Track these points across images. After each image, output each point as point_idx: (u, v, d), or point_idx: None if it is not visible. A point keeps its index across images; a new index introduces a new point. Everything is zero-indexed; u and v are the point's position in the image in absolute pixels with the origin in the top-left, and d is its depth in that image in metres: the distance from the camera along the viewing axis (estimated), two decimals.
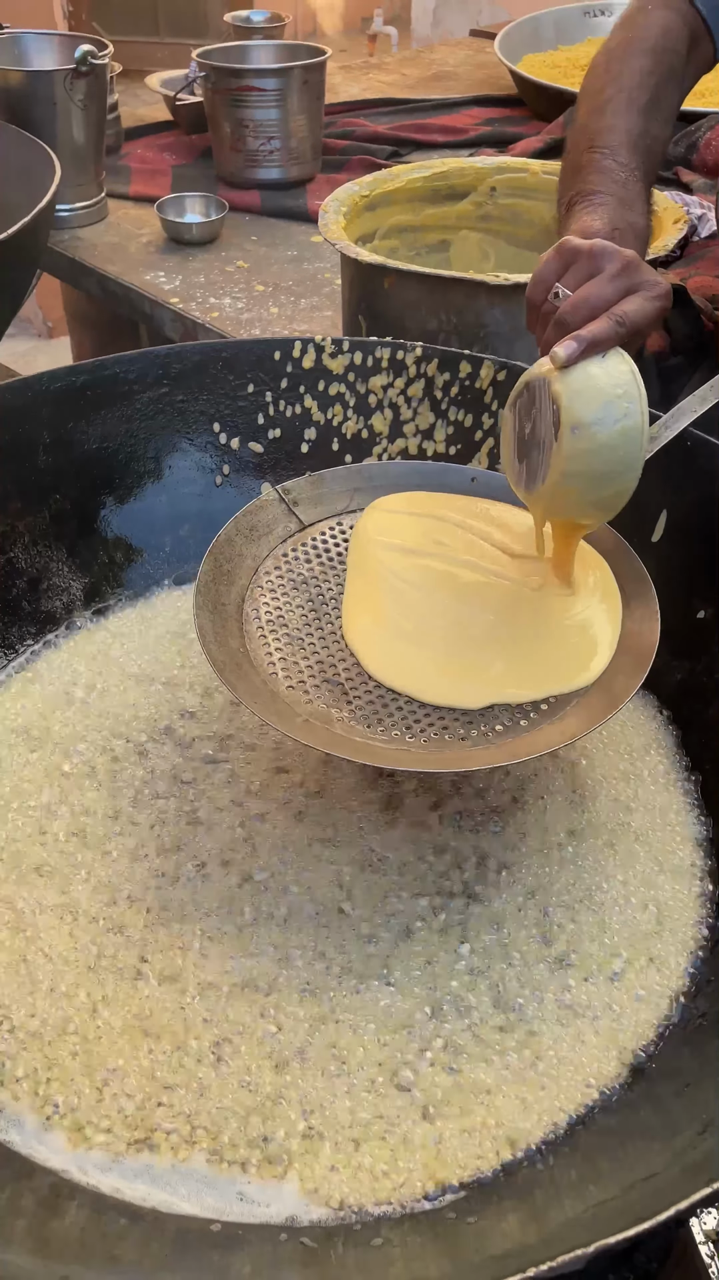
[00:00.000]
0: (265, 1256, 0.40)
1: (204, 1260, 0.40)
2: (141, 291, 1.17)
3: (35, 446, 0.71)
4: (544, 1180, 0.44)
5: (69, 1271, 0.37)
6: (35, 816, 0.60)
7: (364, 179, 0.99)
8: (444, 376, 0.75)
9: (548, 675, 0.56)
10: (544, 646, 0.57)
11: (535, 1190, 0.43)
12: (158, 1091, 0.47)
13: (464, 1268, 0.38)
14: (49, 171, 0.98)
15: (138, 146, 1.51)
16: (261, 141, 1.33)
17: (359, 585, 0.61)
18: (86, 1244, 0.41)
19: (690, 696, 0.65)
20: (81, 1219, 0.43)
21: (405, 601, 0.59)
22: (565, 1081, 0.48)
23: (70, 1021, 0.50)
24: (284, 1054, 0.49)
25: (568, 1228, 0.38)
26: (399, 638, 0.58)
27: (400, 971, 0.52)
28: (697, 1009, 0.50)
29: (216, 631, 0.58)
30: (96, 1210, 0.43)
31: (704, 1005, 0.50)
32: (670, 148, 1.38)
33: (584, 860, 0.58)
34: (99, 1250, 0.40)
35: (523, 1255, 0.33)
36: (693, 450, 0.65)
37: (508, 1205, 0.42)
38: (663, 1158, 0.40)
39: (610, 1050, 0.49)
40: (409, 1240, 0.40)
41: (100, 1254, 0.40)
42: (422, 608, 0.59)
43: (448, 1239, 0.40)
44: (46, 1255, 0.39)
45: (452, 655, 0.57)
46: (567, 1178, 0.43)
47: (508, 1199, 0.43)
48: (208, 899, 0.56)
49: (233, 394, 0.77)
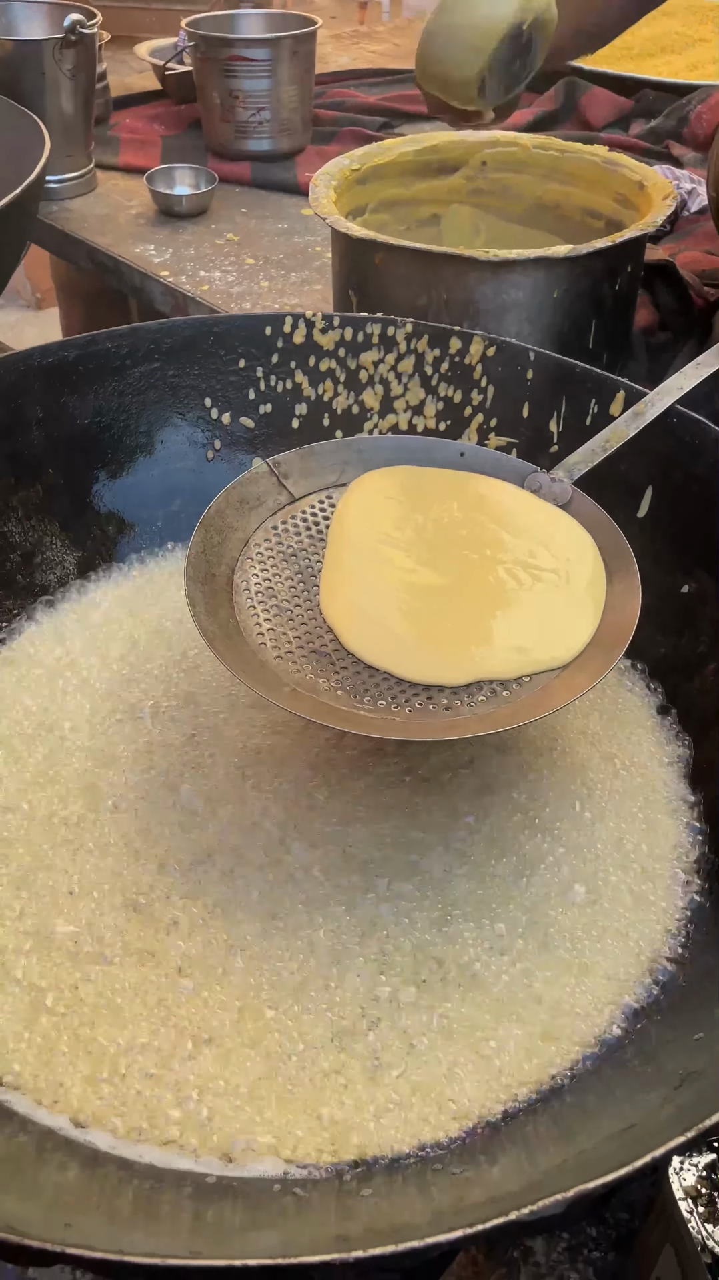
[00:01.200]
0: (259, 1206, 0.41)
1: (199, 1210, 0.41)
2: (132, 264, 1.17)
3: (28, 421, 0.71)
4: (529, 1135, 0.45)
5: (71, 1220, 0.39)
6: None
7: (354, 152, 0.99)
8: (434, 353, 0.76)
9: (529, 652, 0.57)
10: (525, 623, 0.58)
11: (519, 1144, 0.45)
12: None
13: (446, 1214, 0.39)
14: (39, 143, 0.97)
15: (126, 116, 1.50)
16: (251, 112, 1.32)
17: (339, 561, 0.62)
18: (84, 1195, 0.42)
19: (675, 670, 0.67)
20: (78, 1173, 0.44)
21: (385, 578, 0.60)
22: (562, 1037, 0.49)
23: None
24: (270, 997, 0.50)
25: (549, 1175, 0.39)
26: (378, 615, 0.58)
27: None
28: (681, 961, 0.52)
29: (207, 602, 0.59)
30: (93, 1164, 0.45)
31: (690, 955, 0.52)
32: (661, 121, 1.38)
33: (566, 817, 0.59)
34: (98, 1202, 0.42)
35: (503, 1202, 0.35)
36: (678, 427, 0.66)
37: (493, 1156, 0.43)
38: (641, 1110, 0.41)
39: (603, 1007, 0.50)
40: (396, 1191, 0.42)
41: (99, 1205, 0.42)
42: (402, 585, 0.60)
43: (436, 1188, 0.41)
44: (48, 1206, 0.40)
45: (432, 633, 0.58)
46: (550, 1132, 0.45)
47: (488, 1153, 0.44)
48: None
49: (224, 369, 0.77)
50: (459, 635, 0.58)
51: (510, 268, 0.82)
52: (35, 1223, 0.36)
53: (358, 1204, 0.41)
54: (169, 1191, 0.43)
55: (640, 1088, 0.44)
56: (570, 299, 0.85)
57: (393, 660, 0.57)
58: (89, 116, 1.28)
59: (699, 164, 1.30)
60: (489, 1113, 0.46)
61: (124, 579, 0.75)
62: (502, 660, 0.57)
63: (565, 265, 0.82)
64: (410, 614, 0.59)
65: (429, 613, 0.59)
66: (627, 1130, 0.40)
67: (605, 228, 0.97)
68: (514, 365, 0.74)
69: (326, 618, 0.60)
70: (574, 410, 0.72)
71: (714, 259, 1.05)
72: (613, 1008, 0.51)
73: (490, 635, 0.58)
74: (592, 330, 0.88)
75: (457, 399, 0.76)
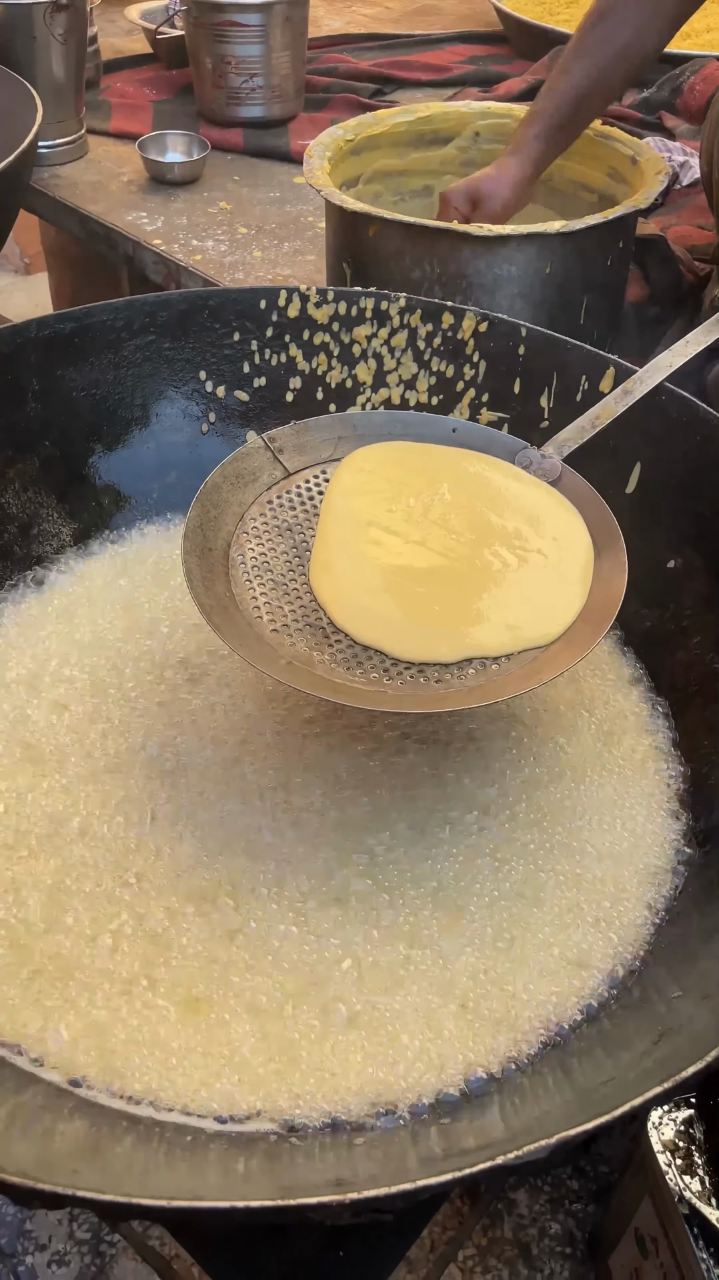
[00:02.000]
0: (258, 1155, 0.43)
1: (200, 1159, 0.43)
2: (124, 233, 1.16)
3: (24, 394, 0.72)
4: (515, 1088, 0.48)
5: (77, 1166, 0.41)
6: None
7: (348, 122, 0.99)
8: (427, 327, 0.76)
9: (518, 630, 0.58)
10: (515, 601, 0.59)
11: (505, 1096, 0.47)
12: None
13: (437, 1159, 0.41)
14: (30, 109, 0.97)
15: (117, 80, 1.49)
16: (244, 78, 1.32)
17: (329, 541, 0.63)
18: (88, 1146, 0.44)
19: (658, 645, 0.68)
20: (83, 1125, 0.46)
21: (375, 559, 0.61)
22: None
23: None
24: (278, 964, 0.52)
25: (533, 1123, 0.41)
26: (368, 596, 0.59)
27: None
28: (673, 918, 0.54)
29: (204, 576, 0.60)
30: (97, 1117, 0.47)
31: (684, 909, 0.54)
32: (654, 92, 1.38)
33: (554, 787, 0.61)
34: (104, 1149, 0.43)
35: (491, 1148, 0.37)
36: (667, 404, 0.67)
37: (480, 1108, 0.45)
38: (621, 1064, 0.43)
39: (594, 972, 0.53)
40: (389, 1139, 0.44)
41: (104, 1153, 0.43)
42: (391, 565, 0.61)
43: (426, 1137, 0.43)
44: (55, 1154, 0.42)
45: (421, 613, 0.59)
46: (534, 1084, 0.47)
47: (476, 1104, 0.47)
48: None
49: (219, 342, 0.78)
50: (449, 615, 0.59)
51: (504, 243, 0.83)
52: (45, 1169, 0.38)
53: (353, 1152, 0.43)
54: (170, 1142, 0.45)
55: (621, 1043, 0.46)
56: (563, 274, 0.85)
57: (384, 640, 0.58)
58: (80, 81, 1.27)
59: (692, 136, 1.30)
60: (476, 1067, 0.48)
61: (120, 550, 0.76)
62: (491, 638, 0.58)
63: (558, 241, 0.83)
64: (400, 594, 0.60)
65: (419, 592, 0.60)
66: (607, 1082, 0.42)
67: (598, 202, 0.98)
68: (506, 341, 0.75)
69: (317, 597, 0.61)
70: (565, 386, 0.73)
71: (705, 234, 1.06)
72: (596, 970, 0.53)
73: (480, 614, 0.59)
74: (583, 305, 0.89)
75: (449, 374, 0.77)
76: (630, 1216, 0.80)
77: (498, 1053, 0.49)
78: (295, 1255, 0.47)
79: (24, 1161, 0.38)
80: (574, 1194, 0.97)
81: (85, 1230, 0.94)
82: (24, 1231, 0.94)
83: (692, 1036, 0.41)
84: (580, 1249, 0.93)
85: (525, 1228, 0.94)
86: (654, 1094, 0.36)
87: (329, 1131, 0.45)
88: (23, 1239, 0.93)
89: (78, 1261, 0.92)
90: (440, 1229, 0.90)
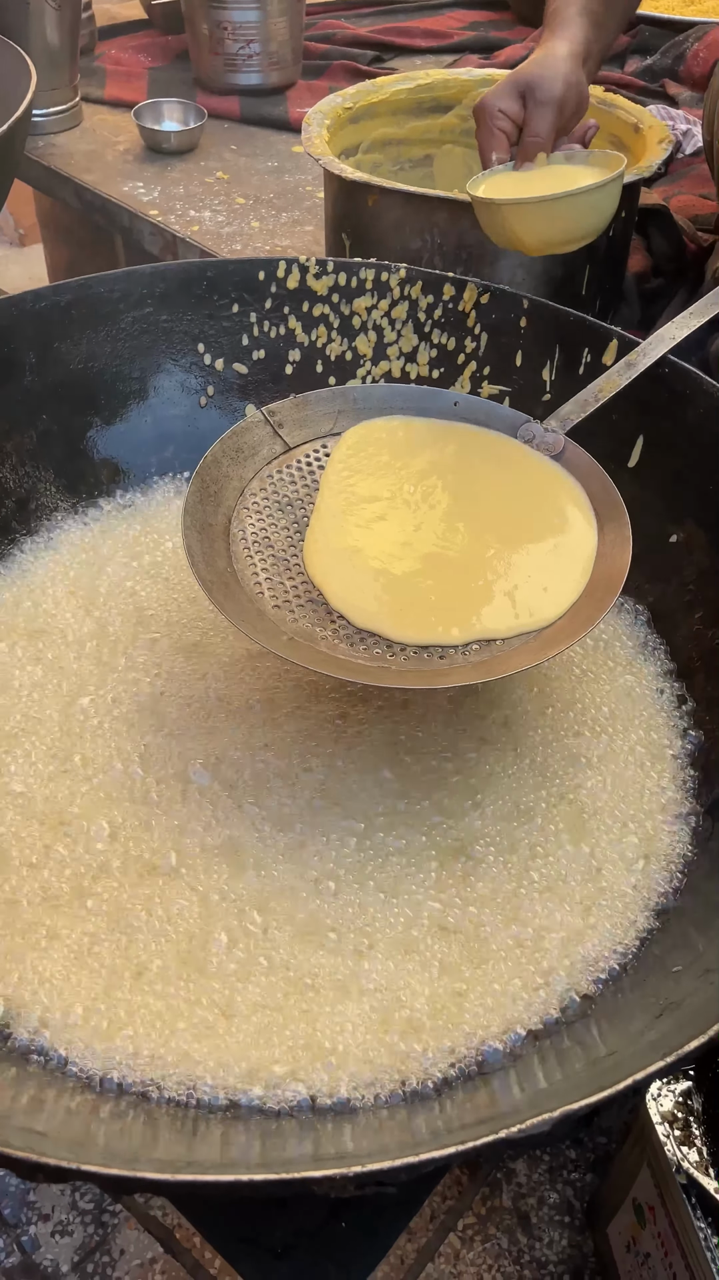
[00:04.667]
0: (261, 1129, 0.44)
1: (204, 1132, 0.43)
2: (120, 203, 1.15)
3: (21, 367, 0.71)
4: (518, 1063, 0.48)
5: (80, 1139, 0.41)
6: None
7: (347, 90, 0.98)
8: (428, 299, 0.76)
9: (520, 613, 0.58)
10: (517, 583, 0.59)
11: (508, 1071, 0.47)
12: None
13: (440, 1133, 0.41)
14: (24, 77, 0.95)
15: (112, 47, 1.47)
16: (240, 45, 1.30)
17: (325, 522, 0.62)
18: (94, 1116, 0.44)
19: (663, 618, 0.68)
20: (86, 1099, 0.46)
21: (372, 542, 0.60)
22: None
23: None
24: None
25: (536, 1098, 0.42)
26: (364, 583, 0.59)
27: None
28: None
29: (204, 552, 0.60)
30: (96, 1092, 0.47)
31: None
32: (658, 59, 1.36)
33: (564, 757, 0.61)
34: (107, 1123, 0.44)
35: (494, 1122, 0.37)
36: (669, 377, 0.66)
37: (484, 1082, 0.45)
38: (623, 1038, 0.43)
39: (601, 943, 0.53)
40: (395, 1114, 0.44)
41: (106, 1126, 0.44)
42: (390, 549, 0.60)
43: (430, 1111, 0.44)
44: (58, 1128, 0.42)
45: (419, 598, 0.58)
46: (539, 1059, 0.47)
47: (479, 1080, 0.47)
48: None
49: (217, 314, 0.77)
50: (448, 599, 0.58)
51: None
52: (49, 1143, 0.38)
53: (356, 1126, 0.43)
54: (174, 1116, 0.45)
55: (623, 1019, 0.47)
56: None
57: (382, 626, 0.58)
58: (74, 48, 1.25)
59: (695, 104, 1.28)
60: (483, 1042, 0.48)
61: (118, 525, 0.76)
62: (492, 623, 0.58)
63: None
64: (397, 580, 0.59)
65: (416, 577, 0.59)
66: (609, 1056, 0.42)
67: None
68: (508, 312, 0.74)
69: (314, 582, 0.60)
70: (567, 359, 0.72)
71: (708, 203, 1.05)
72: (608, 942, 0.53)
73: (481, 598, 0.58)
74: (585, 276, 0.88)
75: (450, 346, 0.76)
76: (629, 1186, 0.81)
77: (500, 1028, 0.49)
78: (297, 1226, 0.48)
79: (26, 1133, 0.38)
80: (572, 1163, 0.98)
81: (88, 1201, 0.95)
82: (27, 1202, 0.95)
83: (693, 1011, 0.42)
84: (579, 1218, 0.94)
85: (524, 1197, 0.95)
86: (655, 1069, 0.36)
87: (332, 1107, 0.45)
88: (26, 1209, 0.94)
89: (80, 1232, 0.93)
90: (440, 1198, 0.91)
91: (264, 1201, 0.48)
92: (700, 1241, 0.70)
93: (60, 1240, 0.93)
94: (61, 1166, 0.33)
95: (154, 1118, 0.45)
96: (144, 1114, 0.45)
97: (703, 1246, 0.70)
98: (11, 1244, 0.92)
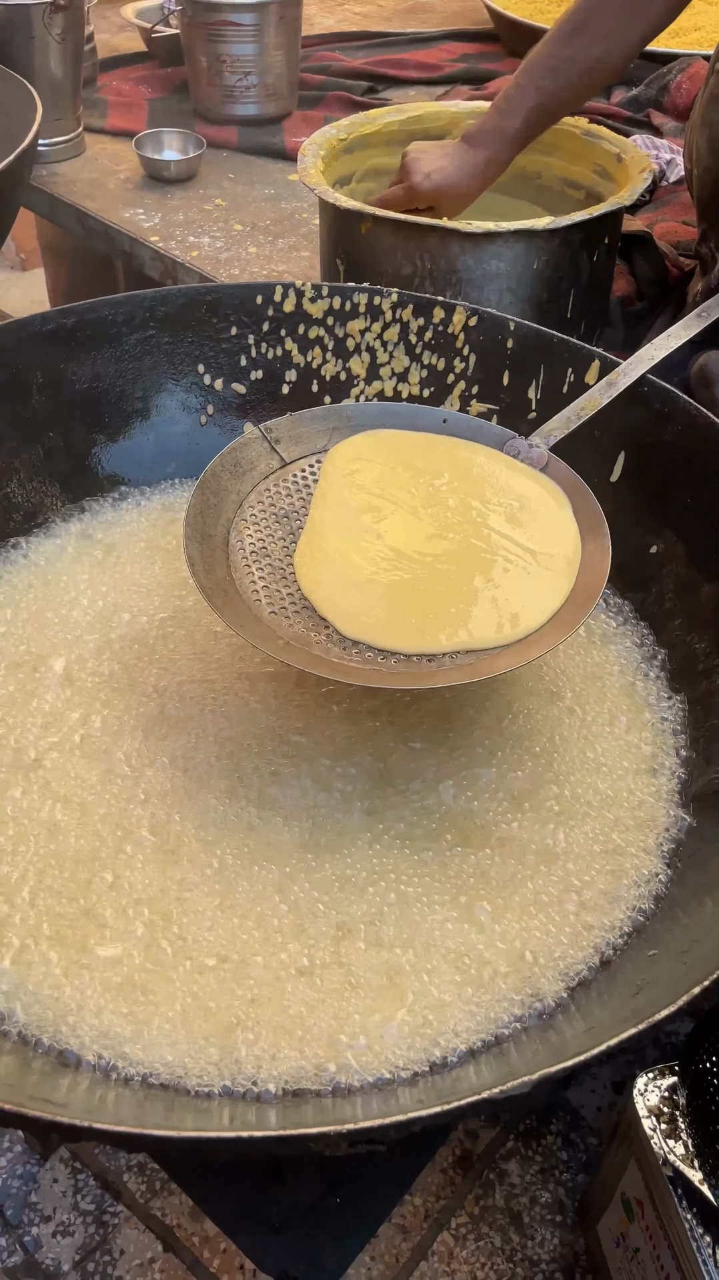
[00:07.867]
0: (260, 1100, 0.46)
1: (205, 1105, 0.46)
2: (121, 229, 1.18)
3: (29, 386, 0.74)
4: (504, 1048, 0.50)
5: (75, 1118, 0.43)
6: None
7: (341, 122, 1.02)
8: (418, 321, 0.79)
9: (506, 623, 0.60)
10: (504, 593, 0.61)
11: (490, 1054, 0.49)
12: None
13: (428, 1100, 0.44)
14: (30, 109, 0.99)
15: (113, 78, 1.51)
16: (238, 77, 1.34)
17: (315, 534, 0.64)
18: (88, 1092, 0.46)
19: (642, 627, 0.71)
20: (86, 1078, 0.48)
21: (361, 553, 0.63)
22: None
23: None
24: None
25: (518, 1065, 0.44)
26: (354, 595, 0.61)
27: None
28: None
29: (205, 561, 0.63)
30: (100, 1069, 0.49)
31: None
32: (642, 89, 1.40)
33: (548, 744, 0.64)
34: (100, 1098, 0.46)
35: (476, 1088, 0.39)
36: (649, 395, 0.69)
37: (467, 1065, 0.48)
38: (604, 1013, 0.46)
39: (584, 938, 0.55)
40: (386, 1089, 0.46)
41: (97, 1101, 0.46)
42: (379, 560, 0.63)
43: (418, 1086, 0.46)
44: (57, 1104, 0.45)
45: (409, 610, 0.61)
46: (523, 1038, 0.49)
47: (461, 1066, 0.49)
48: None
49: (216, 336, 0.80)
50: (435, 609, 0.61)
51: (492, 239, 0.85)
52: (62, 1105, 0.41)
53: (350, 1101, 0.46)
54: (174, 1091, 0.47)
55: (602, 1001, 0.49)
56: (550, 269, 0.88)
57: (370, 637, 0.60)
58: (78, 80, 1.29)
59: (679, 133, 1.32)
60: (474, 1037, 0.51)
61: (119, 539, 0.78)
62: (479, 632, 0.60)
63: (545, 237, 0.85)
64: (385, 592, 0.61)
65: (405, 589, 0.61)
66: (588, 1030, 0.45)
67: (585, 199, 1.00)
68: (495, 334, 0.77)
69: (305, 594, 0.62)
70: (552, 378, 0.75)
71: (690, 230, 1.09)
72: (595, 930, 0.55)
73: (468, 608, 0.61)
74: (570, 300, 0.91)
75: (440, 366, 0.80)
76: (617, 1182, 0.83)
77: (486, 1016, 0.51)
78: (294, 1201, 0.50)
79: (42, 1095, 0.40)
80: (564, 1164, 1.00)
81: (89, 1202, 0.96)
82: (29, 1204, 0.97)
83: (666, 987, 0.44)
84: (570, 1217, 0.96)
85: (517, 1196, 0.97)
86: (629, 1035, 0.38)
87: (329, 1086, 0.48)
88: (28, 1210, 0.96)
89: (81, 1232, 0.95)
90: (434, 1198, 0.92)
91: (262, 1175, 0.50)
92: (687, 1233, 0.72)
93: (62, 1240, 0.94)
94: (75, 1124, 0.36)
95: (154, 1096, 0.47)
96: (145, 1090, 0.47)
97: (689, 1238, 0.72)
98: (14, 1244, 0.93)
